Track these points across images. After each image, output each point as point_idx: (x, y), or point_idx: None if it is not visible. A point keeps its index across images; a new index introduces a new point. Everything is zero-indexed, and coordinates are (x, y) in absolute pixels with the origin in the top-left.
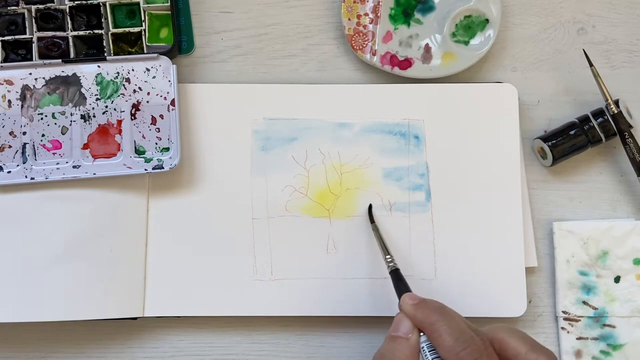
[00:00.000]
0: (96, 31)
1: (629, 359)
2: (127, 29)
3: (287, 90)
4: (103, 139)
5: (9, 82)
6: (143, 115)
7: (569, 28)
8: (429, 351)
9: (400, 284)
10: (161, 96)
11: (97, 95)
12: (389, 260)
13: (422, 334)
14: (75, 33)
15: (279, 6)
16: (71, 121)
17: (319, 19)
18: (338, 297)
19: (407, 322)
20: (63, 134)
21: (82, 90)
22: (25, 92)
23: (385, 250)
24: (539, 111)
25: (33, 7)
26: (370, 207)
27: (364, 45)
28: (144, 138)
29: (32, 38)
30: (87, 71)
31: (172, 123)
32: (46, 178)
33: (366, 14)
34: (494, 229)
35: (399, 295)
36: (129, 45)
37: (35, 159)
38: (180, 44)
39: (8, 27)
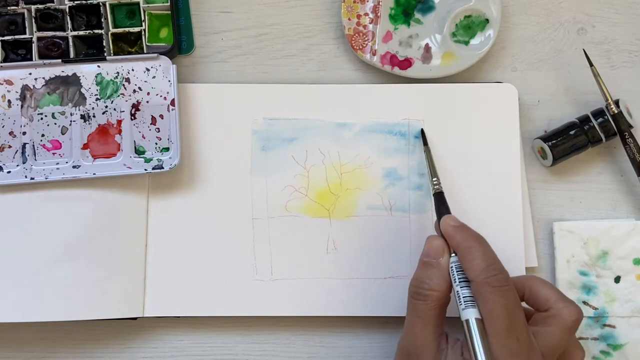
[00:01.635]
0: (96, 31)
1: (629, 359)
2: (127, 29)
3: (287, 90)
4: (103, 139)
5: (9, 82)
6: (143, 115)
7: (569, 28)
8: (457, 271)
9: (441, 207)
10: (161, 96)
11: (97, 95)
12: (435, 182)
13: (452, 255)
14: (75, 33)
15: (279, 6)
16: (71, 121)
17: (319, 19)
18: (338, 297)
19: (437, 243)
20: (63, 134)
21: (82, 90)
22: (25, 92)
23: (434, 172)
24: (539, 111)
25: (33, 7)
26: (422, 130)
27: (364, 45)
28: (144, 138)
29: (32, 38)
30: (87, 71)
31: (172, 123)
32: (46, 178)
33: (366, 14)
34: (494, 228)
35: (439, 216)
36: (129, 45)
37: (35, 159)
38: (180, 44)
39: (8, 27)
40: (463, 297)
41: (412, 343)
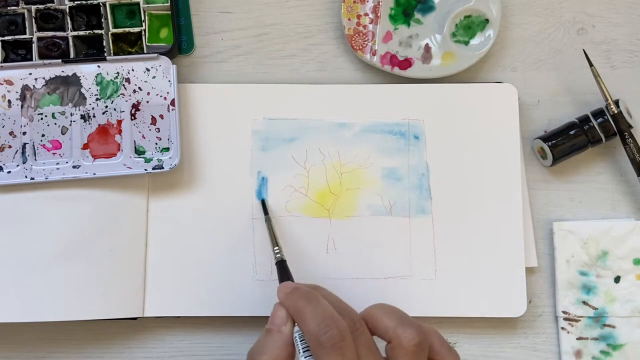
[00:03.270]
0: (96, 31)
1: (629, 359)
2: (127, 29)
3: (287, 90)
4: (103, 139)
5: (9, 82)
6: (143, 115)
7: (569, 28)
8: (300, 341)
9: (283, 276)
10: (161, 96)
11: (97, 95)
12: (276, 251)
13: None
14: (75, 33)
15: (279, 6)
16: (71, 121)
17: (319, 19)
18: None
19: (281, 312)
20: (63, 134)
21: (82, 90)
22: (25, 92)
23: (275, 242)
24: (539, 111)
25: (33, 7)
26: (263, 201)
27: (364, 45)
28: (144, 138)
29: (32, 38)
30: (87, 71)
31: (172, 123)
32: (46, 178)
33: (366, 14)
34: (494, 229)
35: None
36: (129, 45)
37: (35, 159)
38: (180, 44)
39: (8, 27)
40: None
41: None
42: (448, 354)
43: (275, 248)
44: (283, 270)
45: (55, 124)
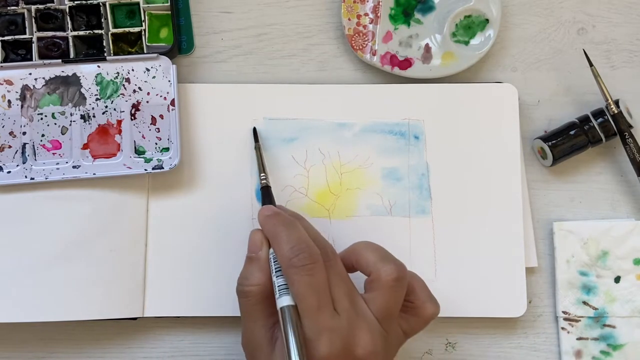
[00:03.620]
0: (96, 31)
1: (629, 359)
2: (127, 29)
3: (287, 90)
4: (103, 139)
5: (9, 82)
6: (143, 115)
7: (569, 28)
8: (274, 262)
9: (266, 200)
10: (161, 96)
11: (97, 95)
12: (262, 177)
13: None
14: (75, 33)
15: (279, 6)
16: (71, 121)
17: (319, 19)
18: None
19: (257, 236)
20: (63, 134)
21: (82, 90)
22: (25, 92)
23: (262, 168)
24: (539, 111)
25: (33, 7)
26: (254, 128)
27: (364, 45)
28: (144, 138)
29: (32, 38)
30: (87, 71)
31: (172, 123)
32: (46, 178)
33: (366, 14)
34: (494, 229)
35: None
36: (129, 45)
37: (35, 159)
38: (180, 44)
39: (8, 27)
40: (278, 286)
41: (249, 343)
42: (428, 299)
43: (262, 175)
44: (267, 196)
45: (55, 124)
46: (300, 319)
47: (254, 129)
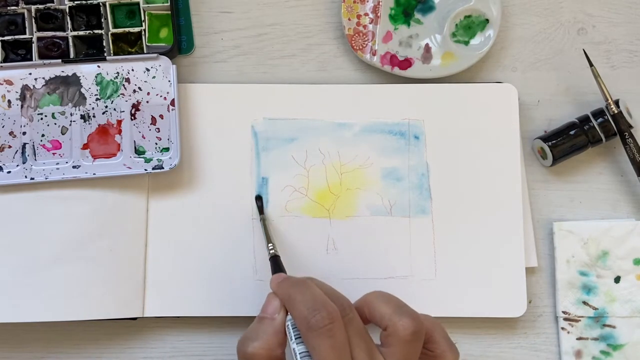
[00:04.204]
0: (96, 31)
1: (629, 359)
2: (127, 29)
3: (287, 90)
4: (103, 139)
5: (9, 82)
6: (143, 115)
7: (569, 28)
8: (292, 328)
9: (276, 269)
10: (161, 96)
11: (97, 95)
12: (270, 248)
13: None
14: (75, 33)
15: (279, 6)
16: (71, 121)
17: (319, 19)
18: None
19: (275, 301)
20: (63, 134)
21: (82, 90)
22: (25, 92)
23: (268, 239)
24: (539, 111)
25: (33, 7)
26: (259, 198)
27: (364, 45)
28: (144, 138)
29: (32, 38)
30: (87, 71)
31: (172, 123)
32: (46, 178)
33: (366, 14)
34: (494, 229)
35: None
36: (128, 45)
37: (35, 159)
38: (180, 44)
39: (8, 27)
40: (299, 353)
41: None
42: (448, 348)
43: (269, 245)
44: (276, 265)
45: (55, 124)
46: None
47: (258, 199)
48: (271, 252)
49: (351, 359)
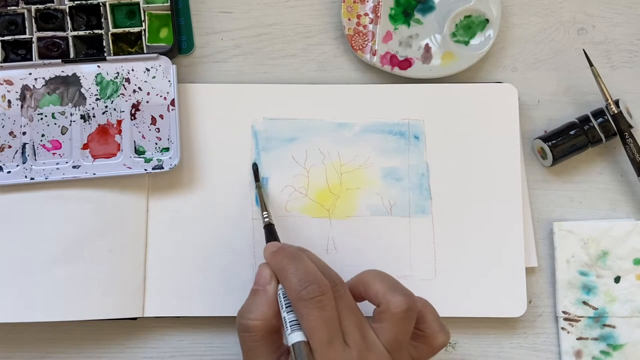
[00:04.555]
0: (96, 31)
1: (629, 359)
2: (127, 29)
3: (287, 90)
4: (103, 139)
5: (9, 82)
6: (143, 115)
7: (569, 28)
8: (283, 297)
9: (270, 238)
10: (161, 96)
11: (97, 95)
12: (265, 216)
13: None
14: (75, 33)
15: (279, 6)
16: (71, 121)
17: (319, 19)
18: None
19: (266, 271)
20: (63, 134)
21: (82, 90)
22: (25, 92)
23: (264, 207)
24: (539, 111)
25: (33, 7)
26: (255, 165)
27: (364, 45)
28: (144, 138)
29: (32, 38)
30: (87, 71)
31: (172, 123)
32: (46, 178)
33: (366, 14)
34: (494, 229)
35: None
36: (128, 45)
37: (35, 159)
38: (180, 44)
39: (8, 27)
40: (289, 321)
41: None
42: (439, 329)
43: (264, 213)
44: (270, 233)
45: (55, 124)
46: (312, 354)
47: (255, 166)
48: (266, 220)
49: (340, 330)
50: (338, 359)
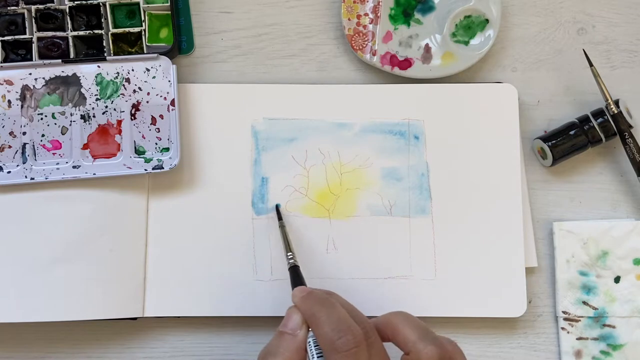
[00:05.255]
0: (96, 31)
1: (629, 359)
2: (127, 29)
3: (287, 90)
4: (103, 139)
5: (9, 82)
6: (143, 115)
7: (569, 28)
8: (314, 346)
9: (297, 280)
10: (161, 96)
11: (97, 95)
12: (289, 257)
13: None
14: (75, 33)
15: (279, 6)
16: (71, 121)
17: (319, 19)
18: None
19: (297, 316)
20: (63, 134)
21: (82, 90)
22: (25, 92)
23: (288, 247)
24: (539, 111)
25: (33, 7)
26: (277, 206)
27: (364, 45)
28: (144, 138)
29: (32, 38)
30: (87, 71)
31: (172, 123)
32: (46, 178)
33: (366, 14)
34: (494, 229)
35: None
36: (128, 45)
37: (35, 159)
38: (180, 44)
39: (8, 27)
40: None
41: None
42: None
43: (289, 254)
44: (296, 276)
45: (55, 124)
46: None
47: (277, 208)
48: (290, 261)
49: None
50: None
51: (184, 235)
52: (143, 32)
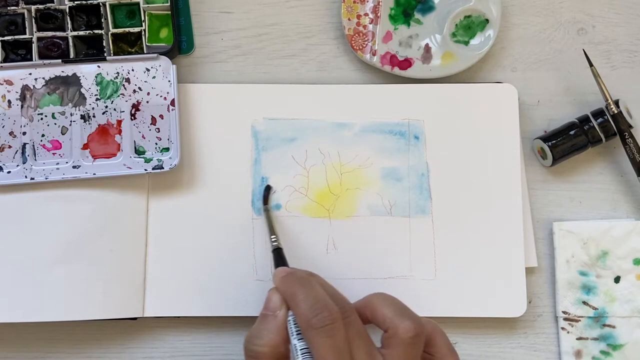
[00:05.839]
0: (96, 31)
1: (629, 359)
2: (127, 29)
3: (287, 90)
4: (103, 139)
5: (9, 82)
6: (143, 115)
7: (569, 28)
8: (294, 324)
9: (279, 262)
10: (161, 96)
11: (97, 95)
12: (273, 239)
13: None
14: (75, 33)
15: (279, 6)
16: (71, 121)
17: (319, 19)
18: None
19: (276, 297)
20: (63, 134)
21: (82, 90)
22: (25, 92)
23: (272, 230)
24: (539, 111)
25: (33, 7)
26: (267, 187)
27: (364, 45)
28: (144, 138)
29: (32, 38)
30: (87, 71)
31: (172, 123)
32: (46, 178)
33: (366, 14)
34: (494, 229)
35: None
36: (128, 45)
37: (35, 159)
38: (180, 44)
39: (8, 27)
40: (300, 349)
41: None
42: (449, 353)
43: (272, 237)
44: (279, 258)
45: (55, 124)
46: None
47: (267, 189)
48: (274, 244)
49: (351, 359)
50: None
51: (184, 235)
52: (143, 32)
